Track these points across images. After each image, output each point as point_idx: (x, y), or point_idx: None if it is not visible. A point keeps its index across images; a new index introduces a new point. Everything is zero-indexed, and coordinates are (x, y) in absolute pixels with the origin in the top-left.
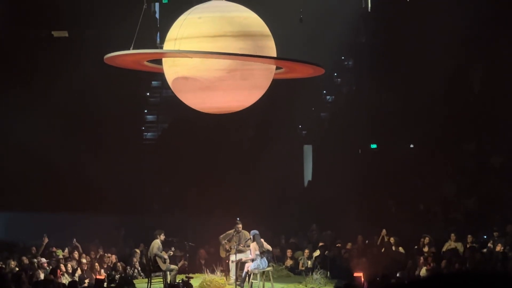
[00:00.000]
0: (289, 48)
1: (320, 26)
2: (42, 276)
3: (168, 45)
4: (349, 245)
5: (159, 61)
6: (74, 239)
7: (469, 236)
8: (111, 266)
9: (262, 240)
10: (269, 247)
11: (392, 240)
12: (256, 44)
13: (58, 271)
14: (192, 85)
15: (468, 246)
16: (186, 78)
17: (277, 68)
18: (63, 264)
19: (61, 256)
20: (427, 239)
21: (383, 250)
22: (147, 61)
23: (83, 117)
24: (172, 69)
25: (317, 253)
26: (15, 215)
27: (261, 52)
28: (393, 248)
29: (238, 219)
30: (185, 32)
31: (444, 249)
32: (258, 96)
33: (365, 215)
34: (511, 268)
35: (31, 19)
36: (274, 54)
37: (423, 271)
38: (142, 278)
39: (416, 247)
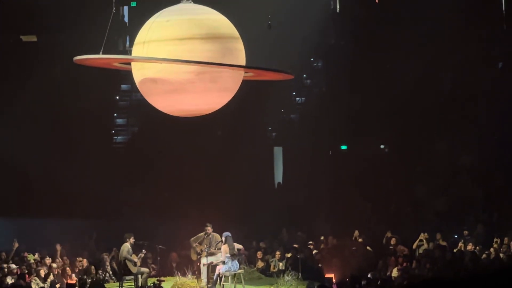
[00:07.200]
0: (258, 50)
1: (289, 27)
2: (11, 282)
3: (136, 48)
4: (321, 246)
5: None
6: (45, 251)
7: (438, 234)
8: (83, 270)
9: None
10: (240, 246)
11: (360, 240)
12: (225, 46)
13: (27, 276)
14: (161, 88)
15: (437, 244)
16: (155, 80)
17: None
18: (34, 269)
19: (32, 261)
20: (393, 240)
21: (354, 249)
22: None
23: (53, 121)
24: (140, 72)
25: (288, 255)
26: None
27: (230, 54)
28: (364, 248)
29: (208, 224)
30: (153, 35)
31: (414, 246)
32: (227, 98)
33: (336, 216)
34: (481, 267)
35: None
36: (243, 56)
37: (394, 272)
38: (114, 281)
39: (390, 247)
